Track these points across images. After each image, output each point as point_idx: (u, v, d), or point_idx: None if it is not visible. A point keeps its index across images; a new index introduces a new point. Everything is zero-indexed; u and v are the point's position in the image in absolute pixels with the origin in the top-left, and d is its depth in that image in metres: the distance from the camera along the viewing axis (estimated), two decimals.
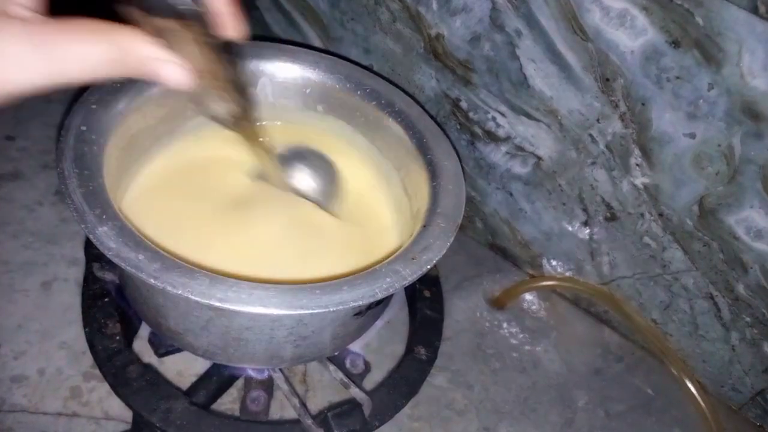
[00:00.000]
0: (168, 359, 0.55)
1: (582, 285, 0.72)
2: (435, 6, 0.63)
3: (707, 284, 0.63)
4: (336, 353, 0.51)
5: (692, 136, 0.55)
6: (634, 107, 0.56)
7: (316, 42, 0.78)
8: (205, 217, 0.48)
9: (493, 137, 0.69)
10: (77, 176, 0.38)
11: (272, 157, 0.47)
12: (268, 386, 0.51)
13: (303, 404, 0.47)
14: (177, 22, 0.30)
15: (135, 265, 0.34)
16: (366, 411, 0.48)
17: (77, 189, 0.37)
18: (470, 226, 0.79)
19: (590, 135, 0.61)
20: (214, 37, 0.33)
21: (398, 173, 0.54)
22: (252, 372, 0.50)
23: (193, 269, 0.35)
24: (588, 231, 0.68)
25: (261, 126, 0.43)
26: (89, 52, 0.27)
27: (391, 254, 0.42)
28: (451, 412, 0.62)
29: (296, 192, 0.49)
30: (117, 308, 0.50)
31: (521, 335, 0.71)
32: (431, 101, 0.71)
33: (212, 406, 0.51)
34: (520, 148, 0.67)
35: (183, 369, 0.59)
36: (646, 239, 0.64)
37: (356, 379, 0.52)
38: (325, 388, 0.61)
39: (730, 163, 0.54)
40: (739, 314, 0.62)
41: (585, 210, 0.67)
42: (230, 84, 0.36)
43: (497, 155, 0.70)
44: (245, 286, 0.35)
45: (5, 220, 0.68)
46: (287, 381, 0.49)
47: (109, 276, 0.51)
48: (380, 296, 0.37)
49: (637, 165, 0.60)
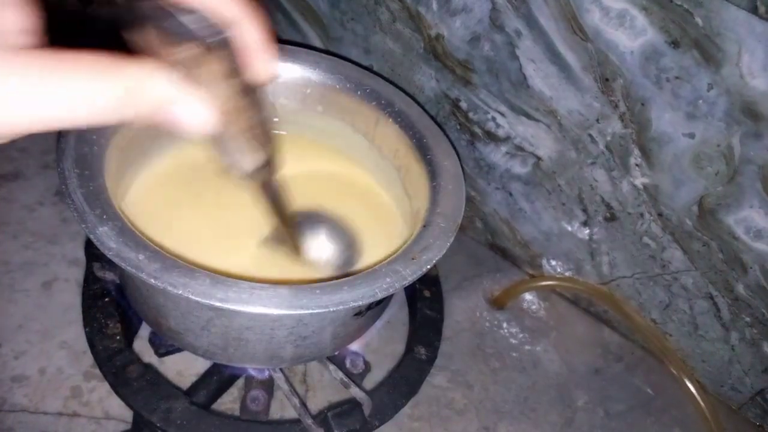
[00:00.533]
0: (168, 359, 0.55)
1: (582, 285, 0.72)
2: (435, 6, 0.63)
3: (707, 284, 0.63)
4: (336, 353, 0.51)
5: (692, 136, 0.55)
6: (634, 107, 0.56)
7: (317, 42, 0.78)
8: (206, 218, 0.48)
9: (493, 137, 0.69)
10: (78, 176, 0.38)
11: (290, 219, 0.42)
12: (269, 386, 0.51)
13: (303, 404, 0.47)
14: (201, 54, 0.25)
15: (135, 265, 0.34)
16: (366, 411, 0.48)
17: (78, 189, 0.37)
18: (470, 226, 0.79)
19: (590, 135, 0.61)
20: (243, 74, 0.28)
21: (398, 173, 0.54)
22: (252, 372, 0.51)
23: (194, 269, 0.35)
24: (587, 231, 0.68)
25: (282, 180, 0.37)
26: (90, 89, 0.21)
27: (392, 254, 0.42)
28: (451, 412, 0.62)
29: (309, 262, 0.46)
30: (117, 308, 0.50)
31: (521, 335, 0.71)
32: (431, 101, 0.71)
33: (212, 406, 0.51)
34: (520, 148, 0.67)
35: (183, 369, 0.59)
36: (646, 239, 0.64)
37: (356, 379, 0.52)
38: (325, 388, 0.61)
39: (730, 163, 0.54)
40: (739, 314, 0.62)
41: (584, 210, 0.67)
42: (255, 128, 0.30)
43: (497, 155, 0.70)
44: (245, 286, 0.35)
45: (6, 220, 0.68)
46: (287, 381, 0.49)
47: (110, 276, 0.51)
48: (380, 296, 0.37)
49: (637, 165, 0.60)
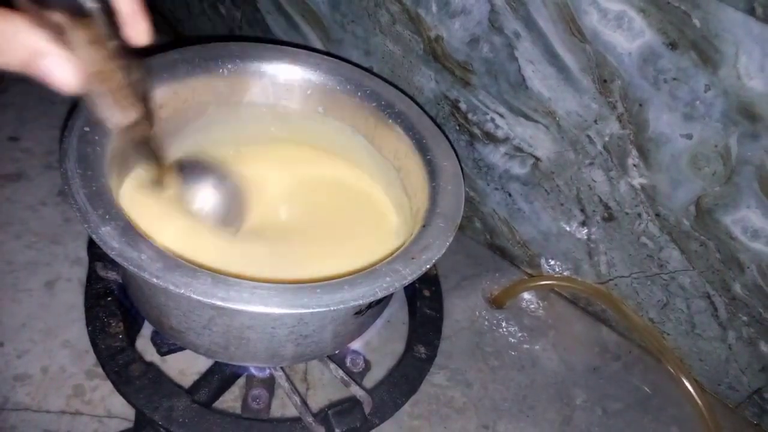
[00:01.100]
0: (170, 358, 0.55)
1: (580, 284, 0.72)
2: (434, 8, 0.64)
3: (704, 284, 0.63)
4: (336, 352, 0.51)
5: (689, 137, 0.55)
6: (632, 108, 0.57)
7: (317, 44, 0.78)
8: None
9: (492, 138, 0.69)
10: (80, 177, 0.39)
11: (168, 168, 0.42)
12: (270, 384, 0.51)
13: (304, 402, 0.48)
14: (73, 18, 0.27)
15: (138, 265, 0.35)
16: (366, 409, 0.48)
17: (80, 189, 0.38)
18: (469, 226, 0.80)
19: (588, 136, 0.61)
20: (117, 39, 0.30)
21: (398, 173, 0.54)
22: (253, 370, 0.51)
23: (195, 269, 0.36)
24: (586, 231, 0.69)
25: (157, 138, 0.39)
26: None
27: (392, 254, 0.42)
28: (451, 410, 0.62)
29: (191, 209, 0.45)
30: (120, 307, 0.50)
31: (520, 334, 0.71)
32: (430, 102, 0.72)
33: (214, 405, 0.51)
34: (519, 149, 0.68)
35: (185, 367, 0.60)
36: (644, 239, 0.65)
37: (357, 378, 0.52)
38: (326, 387, 0.62)
39: (727, 164, 0.54)
40: (736, 313, 0.63)
41: (583, 210, 0.67)
42: (126, 89, 0.32)
43: (496, 156, 0.70)
44: (247, 286, 0.35)
45: (9, 221, 0.68)
46: (288, 379, 0.50)
47: (112, 275, 0.51)
48: (380, 295, 0.37)
49: (635, 165, 0.60)
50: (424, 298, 0.59)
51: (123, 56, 0.30)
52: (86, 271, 0.53)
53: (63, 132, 0.41)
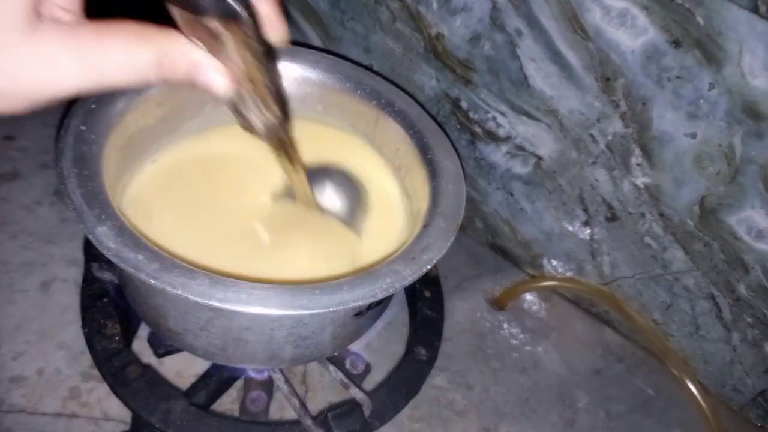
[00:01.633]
0: (167, 359, 0.55)
1: (583, 285, 0.72)
2: (435, 5, 0.63)
3: (708, 284, 0.63)
4: (336, 353, 0.51)
5: (693, 136, 0.55)
6: (635, 107, 0.56)
7: (316, 41, 0.78)
8: (206, 218, 0.48)
9: (494, 137, 0.69)
10: (76, 176, 0.38)
11: (303, 174, 0.45)
12: (268, 387, 0.51)
13: (303, 405, 0.47)
14: (221, 23, 0.28)
15: (134, 265, 0.34)
16: (366, 411, 0.48)
17: (76, 189, 0.37)
18: (470, 226, 0.79)
19: (591, 135, 0.61)
20: (259, 41, 0.31)
21: (398, 173, 0.54)
22: (252, 372, 0.50)
23: (193, 269, 0.35)
24: (589, 231, 0.68)
25: (295, 141, 0.41)
26: (129, 57, 0.26)
27: (392, 254, 0.42)
28: (452, 413, 0.62)
29: (323, 211, 0.48)
30: (116, 308, 0.50)
31: (522, 335, 0.71)
32: (431, 101, 0.71)
33: (212, 407, 0.51)
34: (521, 148, 0.67)
35: (182, 369, 0.59)
36: (647, 239, 0.64)
37: (356, 380, 0.52)
38: (325, 389, 0.61)
39: (731, 163, 0.54)
40: (741, 315, 0.62)
41: (585, 210, 0.67)
42: (270, 91, 0.34)
43: (497, 155, 0.70)
44: (245, 287, 0.35)
45: (4, 220, 0.68)
46: (287, 381, 0.49)
47: (108, 276, 0.51)
48: (380, 296, 0.37)
49: (638, 165, 0.60)
50: (425, 299, 0.59)
51: (268, 59, 0.32)
52: (82, 272, 0.52)
53: (59, 131, 0.41)
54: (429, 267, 0.40)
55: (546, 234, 0.72)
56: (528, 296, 0.75)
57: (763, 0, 0.45)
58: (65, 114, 0.42)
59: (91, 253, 0.52)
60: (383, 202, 0.54)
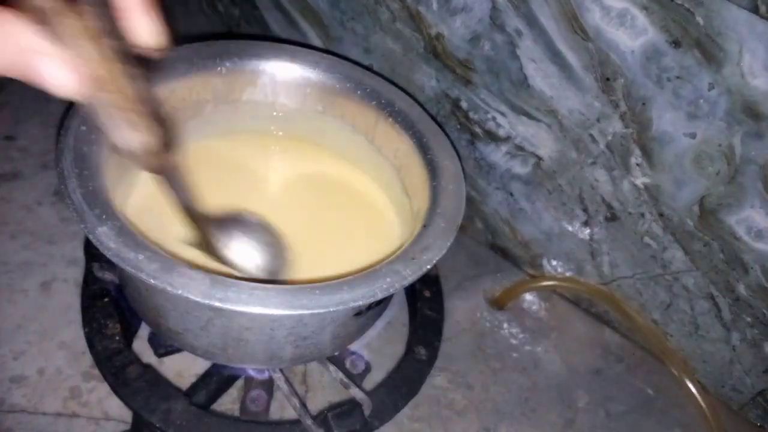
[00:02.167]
0: (168, 359, 0.55)
1: (582, 285, 0.72)
2: (435, 5, 0.63)
3: (708, 284, 0.63)
4: (336, 353, 0.51)
5: (693, 136, 0.55)
6: (635, 107, 0.56)
7: (316, 41, 0.78)
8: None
9: (494, 137, 0.69)
10: (77, 176, 0.38)
11: (202, 216, 0.37)
12: (268, 386, 0.51)
13: (303, 404, 0.47)
14: (70, 7, 0.22)
15: (135, 265, 0.34)
16: (366, 411, 0.48)
17: (77, 189, 0.37)
18: (470, 226, 0.79)
19: (590, 135, 0.61)
20: (114, 35, 0.23)
21: (398, 173, 0.54)
22: (252, 372, 0.50)
23: (193, 269, 0.35)
24: (588, 231, 0.68)
25: (185, 172, 0.33)
26: None
27: (392, 254, 0.42)
28: (451, 413, 0.62)
29: (232, 266, 0.41)
30: (116, 308, 0.50)
31: (521, 335, 0.71)
32: (431, 101, 0.71)
33: (212, 407, 0.51)
34: (521, 148, 0.67)
35: (183, 369, 0.59)
36: (647, 239, 0.64)
37: (356, 380, 0.52)
38: (325, 389, 0.61)
39: (731, 163, 0.54)
40: (740, 314, 0.62)
41: (585, 210, 0.67)
42: (143, 106, 0.26)
43: (497, 155, 0.70)
44: (245, 287, 0.35)
45: (4, 220, 0.68)
46: (287, 381, 0.49)
47: (109, 276, 0.51)
48: (380, 296, 0.37)
49: (638, 165, 0.60)
50: (425, 299, 0.59)
51: (129, 61, 0.24)
52: (83, 272, 0.52)
53: (59, 131, 0.41)
54: (429, 267, 0.40)
55: (546, 234, 0.72)
56: (528, 296, 0.75)
57: (763, 0, 0.45)
58: (66, 114, 0.42)
59: (92, 253, 0.52)
60: (371, 210, 0.53)
